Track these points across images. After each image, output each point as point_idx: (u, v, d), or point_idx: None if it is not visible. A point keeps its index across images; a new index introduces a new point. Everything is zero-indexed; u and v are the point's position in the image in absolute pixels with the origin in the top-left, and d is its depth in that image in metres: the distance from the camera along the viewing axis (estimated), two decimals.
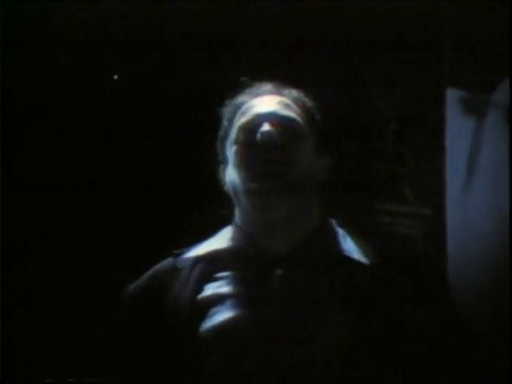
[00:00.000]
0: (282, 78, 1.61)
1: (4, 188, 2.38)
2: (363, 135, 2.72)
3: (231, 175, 1.54)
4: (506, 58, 2.34)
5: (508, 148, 2.44)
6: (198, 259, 1.56)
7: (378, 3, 2.48)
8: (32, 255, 2.44)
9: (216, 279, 1.52)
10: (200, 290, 1.51)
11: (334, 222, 1.60)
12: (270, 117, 1.54)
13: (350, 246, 1.55)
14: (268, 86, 1.62)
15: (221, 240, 1.58)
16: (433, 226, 2.70)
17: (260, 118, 1.54)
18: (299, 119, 1.56)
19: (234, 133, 1.56)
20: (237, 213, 1.58)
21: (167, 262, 1.60)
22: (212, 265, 1.54)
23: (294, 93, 1.61)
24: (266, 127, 1.51)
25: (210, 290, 1.51)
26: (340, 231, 1.59)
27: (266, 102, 1.58)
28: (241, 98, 1.61)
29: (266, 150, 1.50)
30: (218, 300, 1.49)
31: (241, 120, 1.56)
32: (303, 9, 2.52)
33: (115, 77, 2.60)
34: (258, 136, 1.51)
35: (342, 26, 2.52)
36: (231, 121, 1.59)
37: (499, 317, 2.35)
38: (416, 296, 1.50)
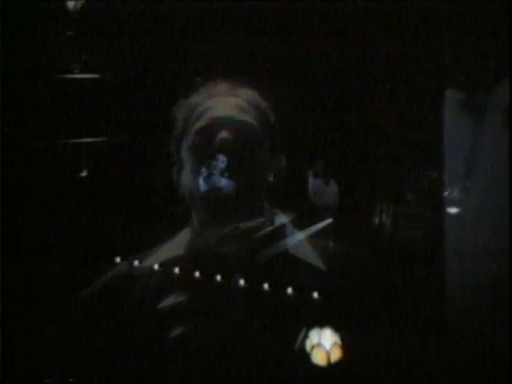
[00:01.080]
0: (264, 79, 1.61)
1: None
2: (363, 136, 2.72)
3: (187, 179, 1.54)
4: (505, 57, 2.34)
5: (508, 148, 2.44)
6: (156, 267, 1.54)
7: (378, 2, 2.48)
8: (32, 255, 2.44)
9: (175, 288, 1.51)
10: (159, 299, 1.50)
11: (288, 224, 1.60)
12: (227, 121, 1.54)
13: (304, 248, 1.55)
14: (223, 87, 1.61)
15: (178, 246, 1.57)
16: (432, 226, 2.70)
17: (217, 123, 1.53)
18: (255, 123, 1.56)
19: (190, 136, 1.56)
20: (193, 215, 1.57)
21: (122, 269, 1.58)
22: (170, 273, 1.53)
23: (249, 93, 1.60)
24: (223, 134, 1.51)
25: (170, 299, 1.50)
26: (295, 233, 1.58)
27: (221, 105, 1.57)
28: (195, 99, 1.60)
29: (224, 157, 1.49)
30: (178, 309, 1.48)
31: (197, 124, 1.55)
32: (299, 7, 2.52)
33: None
34: (216, 143, 1.50)
35: (341, 26, 2.52)
36: (186, 122, 1.58)
37: (499, 317, 2.35)
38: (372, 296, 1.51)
